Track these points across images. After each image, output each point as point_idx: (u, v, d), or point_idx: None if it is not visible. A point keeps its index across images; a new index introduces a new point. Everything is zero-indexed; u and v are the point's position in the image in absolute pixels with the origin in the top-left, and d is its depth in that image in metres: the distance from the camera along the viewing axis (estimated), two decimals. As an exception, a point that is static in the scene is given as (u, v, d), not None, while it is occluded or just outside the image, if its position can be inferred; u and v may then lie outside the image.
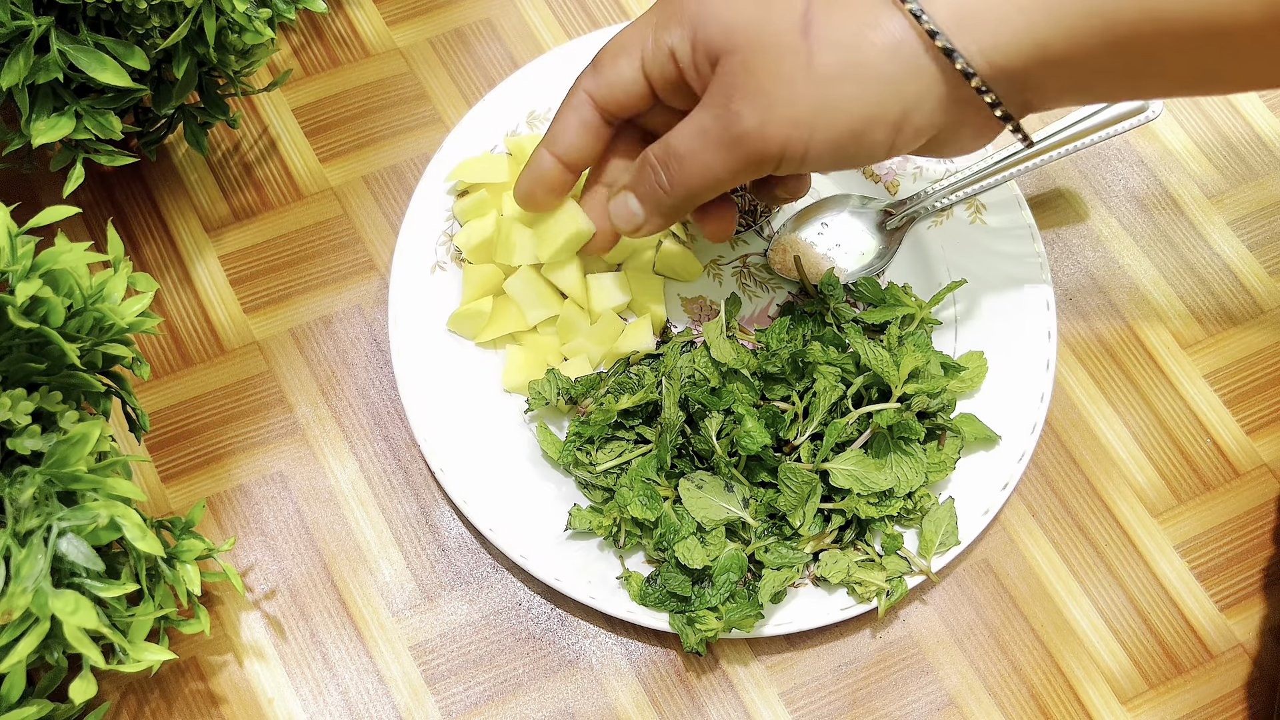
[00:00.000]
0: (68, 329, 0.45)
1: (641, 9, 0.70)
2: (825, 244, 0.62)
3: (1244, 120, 0.69)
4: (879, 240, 0.62)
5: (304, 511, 0.58)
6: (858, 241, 0.62)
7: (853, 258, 0.62)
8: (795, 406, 0.55)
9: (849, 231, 0.63)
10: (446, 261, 0.61)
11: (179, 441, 0.59)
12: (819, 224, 0.63)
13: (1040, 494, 0.59)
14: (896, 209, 0.63)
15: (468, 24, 0.69)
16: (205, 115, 0.60)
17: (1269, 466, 0.60)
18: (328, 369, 0.61)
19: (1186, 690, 0.56)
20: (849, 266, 0.62)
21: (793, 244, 0.62)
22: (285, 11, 0.56)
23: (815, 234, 0.63)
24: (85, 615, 0.43)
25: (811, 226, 0.63)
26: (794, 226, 0.63)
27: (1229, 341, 0.63)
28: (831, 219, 0.63)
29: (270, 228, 0.64)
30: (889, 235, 0.62)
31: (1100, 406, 0.61)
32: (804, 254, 0.62)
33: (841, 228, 0.63)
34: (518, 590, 0.57)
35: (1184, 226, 0.66)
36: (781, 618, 0.54)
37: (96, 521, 0.43)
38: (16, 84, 0.49)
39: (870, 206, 0.63)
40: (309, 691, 0.54)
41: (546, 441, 0.57)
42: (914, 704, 0.55)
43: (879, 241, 0.62)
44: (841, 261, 0.62)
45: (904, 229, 0.63)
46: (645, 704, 0.55)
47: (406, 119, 0.67)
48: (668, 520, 0.54)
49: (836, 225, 0.63)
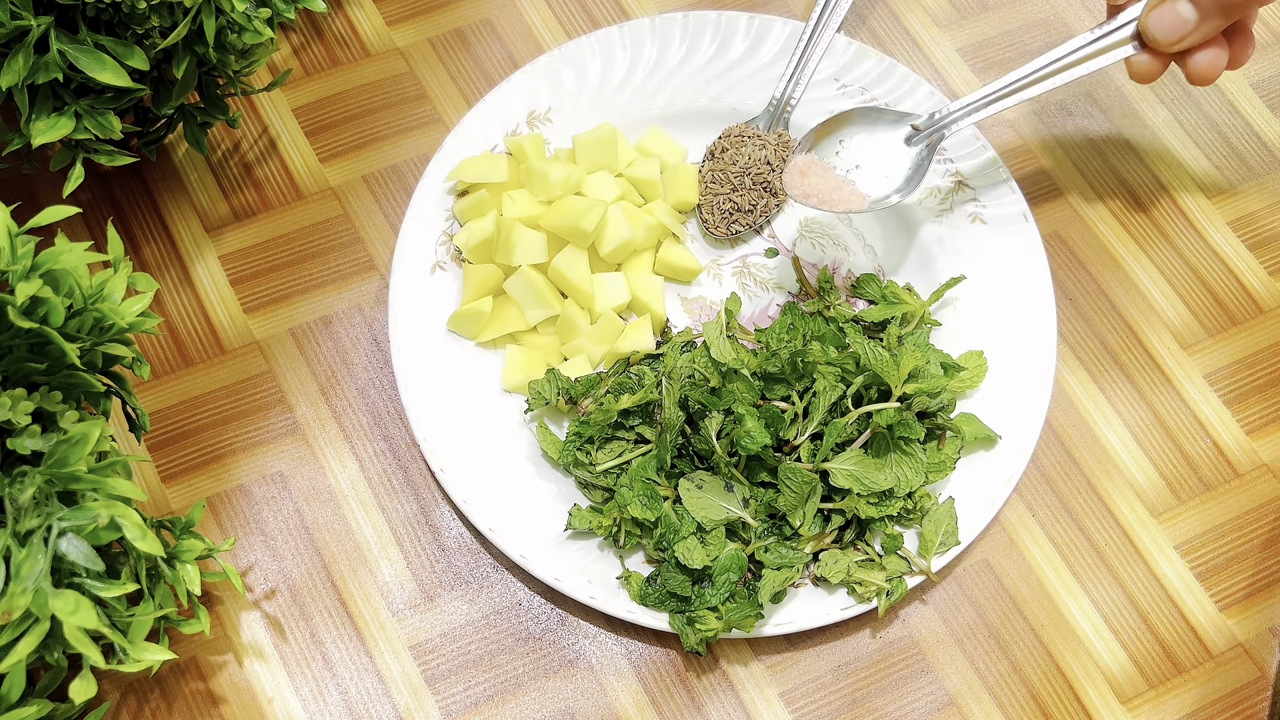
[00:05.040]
0: (68, 329, 0.45)
1: (641, 9, 0.70)
2: (844, 165, 0.56)
3: (1244, 120, 0.69)
4: (907, 161, 0.56)
5: (304, 511, 0.58)
6: (881, 162, 0.56)
7: (876, 180, 0.56)
8: (795, 406, 0.55)
9: (871, 150, 0.56)
10: (446, 261, 0.61)
11: (179, 441, 0.59)
12: (836, 142, 0.57)
13: (1040, 494, 0.59)
14: (925, 124, 0.58)
15: (468, 24, 0.69)
16: (205, 115, 0.60)
17: (1269, 466, 0.60)
18: (328, 369, 0.61)
19: (1186, 690, 0.56)
20: (872, 192, 0.56)
21: (810, 166, 0.56)
22: (285, 11, 0.56)
23: (833, 154, 0.57)
24: (85, 615, 0.43)
25: (828, 145, 0.57)
26: (810, 144, 0.57)
27: (1229, 341, 0.63)
28: (848, 136, 0.57)
29: (270, 228, 0.64)
30: (918, 155, 0.56)
31: (1100, 406, 0.61)
32: (823, 177, 0.55)
33: (861, 146, 0.57)
34: (518, 590, 0.57)
35: (1184, 226, 0.66)
36: (781, 618, 0.54)
37: (96, 521, 0.43)
38: (16, 84, 0.49)
39: (897, 123, 0.57)
40: (309, 691, 0.54)
41: (546, 441, 0.57)
42: (914, 704, 0.55)
43: (906, 163, 0.56)
44: (863, 185, 0.56)
45: (933, 147, 0.56)
46: (645, 704, 0.55)
47: (406, 119, 0.67)
48: (668, 520, 0.54)
49: (854, 143, 0.57)
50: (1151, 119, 0.68)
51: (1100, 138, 0.68)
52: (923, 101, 0.64)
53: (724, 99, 0.66)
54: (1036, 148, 0.67)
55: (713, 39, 0.66)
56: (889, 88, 0.65)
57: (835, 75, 0.66)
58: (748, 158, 0.63)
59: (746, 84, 0.66)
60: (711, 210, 0.63)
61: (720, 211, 0.63)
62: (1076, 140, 0.68)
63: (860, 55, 0.65)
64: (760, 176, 0.63)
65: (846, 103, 0.65)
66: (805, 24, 0.65)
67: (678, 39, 0.66)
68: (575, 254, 0.60)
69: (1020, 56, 0.70)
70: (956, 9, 0.71)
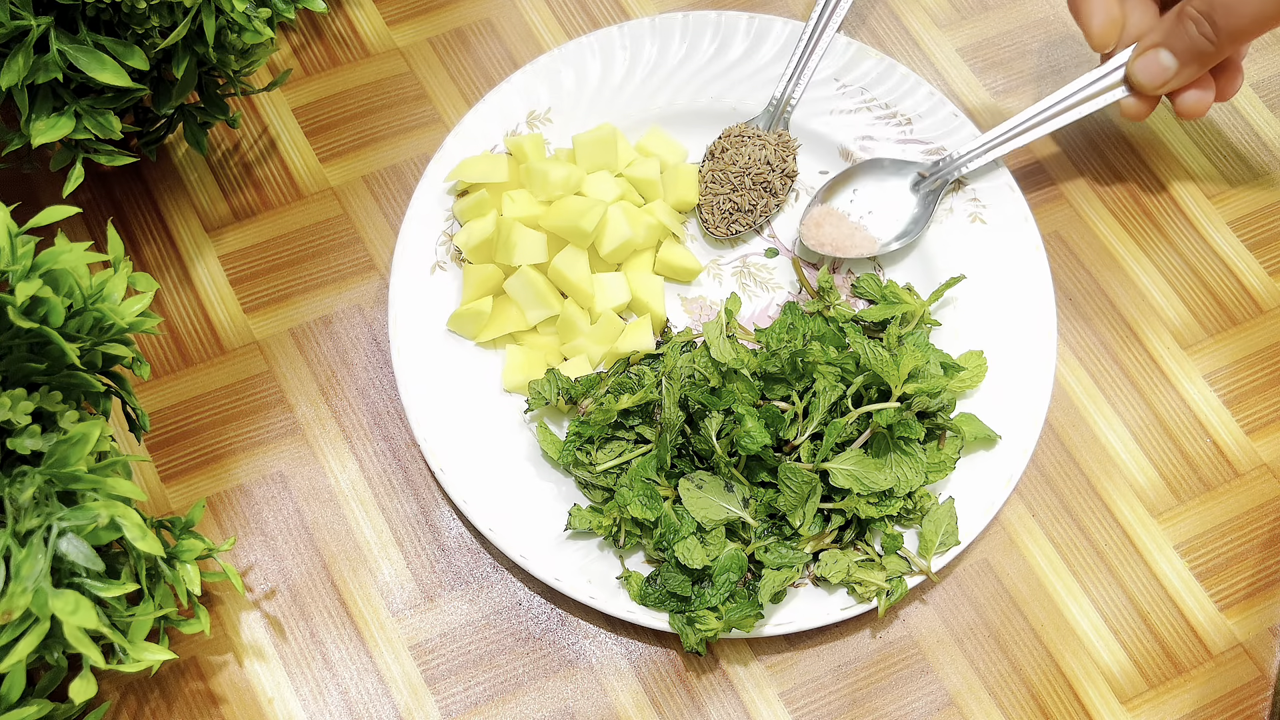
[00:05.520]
0: (68, 329, 0.45)
1: (641, 9, 0.70)
2: (857, 212, 0.61)
3: (1244, 120, 0.69)
4: (914, 205, 0.61)
5: (304, 511, 0.58)
6: (891, 208, 0.61)
7: (887, 225, 0.61)
8: (795, 406, 0.55)
9: (881, 198, 0.61)
10: (446, 261, 0.61)
11: (179, 441, 0.59)
12: (850, 191, 0.62)
13: (1040, 494, 0.59)
14: (929, 171, 0.62)
15: (468, 24, 0.69)
16: (205, 115, 0.60)
17: (1269, 466, 0.60)
18: (328, 369, 0.61)
19: (1186, 690, 0.56)
20: (883, 236, 0.61)
21: (825, 217, 0.61)
22: (285, 11, 0.56)
23: (846, 202, 0.62)
24: (85, 615, 0.43)
25: (843, 195, 0.62)
26: (825, 197, 0.62)
27: (1229, 341, 0.63)
28: (862, 186, 0.62)
29: (270, 228, 0.64)
30: (924, 199, 0.61)
31: (1100, 406, 0.61)
32: (837, 226, 0.60)
33: (873, 194, 0.62)
34: (518, 590, 0.57)
35: (1184, 226, 0.66)
36: (781, 618, 0.54)
37: (96, 521, 0.43)
38: (16, 84, 0.49)
39: (903, 171, 0.62)
40: (309, 691, 0.54)
41: (546, 441, 0.57)
42: (914, 704, 0.55)
43: (914, 206, 0.61)
44: (875, 230, 0.61)
45: (938, 192, 0.62)
46: (645, 704, 0.55)
47: (406, 119, 0.67)
48: (668, 520, 0.54)
49: (867, 192, 0.62)
50: (1151, 119, 0.68)
51: (1100, 138, 0.68)
52: (922, 101, 0.64)
53: (724, 99, 0.66)
54: (1036, 148, 0.67)
55: (713, 39, 0.66)
56: (889, 88, 0.65)
57: (835, 75, 0.66)
58: (748, 158, 0.63)
59: (746, 84, 0.66)
60: (711, 210, 0.63)
61: (720, 211, 0.63)
62: (1076, 140, 0.68)
63: (860, 55, 0.65)
64: (760, 176, 0.63)
65: (847, 102, 0.65)
66: (805, 24, 0.65)
67: (678, 39, 0.66)
68: (575, 254, 0.60)
69: (1020, 56, 0.70)
70: (956, 9, 0.71)
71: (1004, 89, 0.69)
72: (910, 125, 0.65)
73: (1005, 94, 0.69)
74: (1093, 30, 0.60)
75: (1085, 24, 0.60)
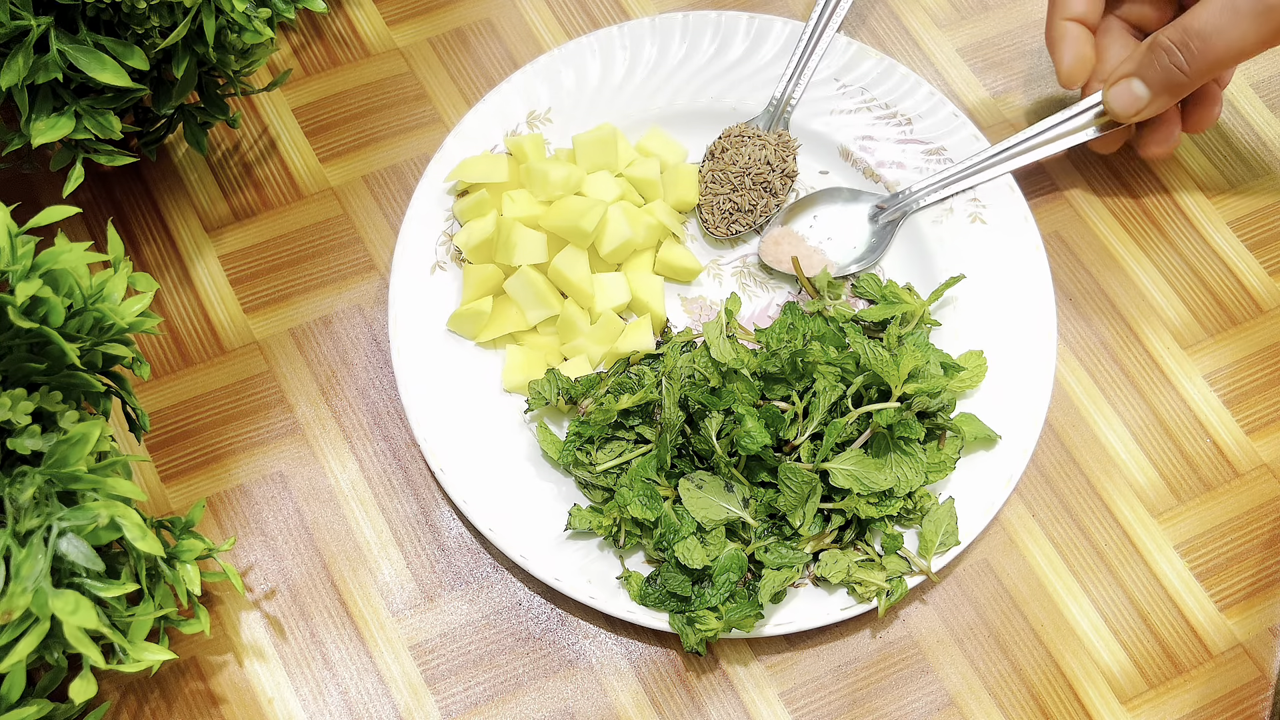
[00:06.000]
0: (68, 329, 0.45)
1: (641, 9, 0.70)
2: (816, 237, 0.63)
3: (1244, 120, 0.69)
4: (870, 234, 0.63)
5: (304, 511, 0.58)
6: (849, 235, 0.63)
7: (844, 250, 0.63)
8: (795, 406, 0.55)
9: (840, 224, 0.63)
10: (446, 261, 0.61)
11: (179, 441, 0.59)
12: (810, 216, 0.63)
13: (1040, 494, 0.59)
14: (888, 203, 0.63)
15: (468, 24, 0.69)
16: (205, 115, 0.60)
17: (1269, 466, 0.60)
18: (328, 369, 0.61)
19: (1186, 690, 0.56)
20: (840, 260, 0.63)
21: (784, 237, 0.63)
22: (285, 11, 0.56)
23: (806, 227, 0.63)
24: (85, 615, 0.43)
25: (803, 219, 0.63)
26: (786, 219, 0.63)
27: (1229, 341, 0.63)
28: (822, 212, 0.63)
29: (270, 228, 0.64)
30: (881, 229, 0.63)
31: (1100, 406, 0.61)
32: (795, 247, 0.62)
33: (832, 221, 0.63)
34: (518, 590, 0.57)
35: (1184, 226, 0.66)
36: (781, 618, 0.54)
37: (96, 521, 0.43)
38: (16, 84, 0.49)
39: (861, 200, 0.63)
40: (309, 691, 0.54)
41: (546, 441, 0.57)
42: (914, 704, 0.55)
43: (871, 235, 0.63)
44: (832, 254, 0.63)
45: (896, 222, 0.63)
46: (645, 704, 0.55)
47: (406, 119, 0.67)
48: (668, 520, 0.54)
49: (827, 218, 0.63)
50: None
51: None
52: (923, 101, 0.64)
53: (724, 99, 0.66)
54: (1036, 148, 0.67)
55: (713, 39, 0.66)
56: (889, 88, 0.65)
57: (835, 75, 0.66)
58: (748, 158, 0.63)
59: (746, 84, 0.66)
60: (711, 210, 0.63)
61: (720, 211, 0.63)
62: (1076, 140, 0.68)
63: (860, 55, 0.65)
64: (760, 176, 0.63)
65: (847, 102, 0.65)
66: (805, 24, 0.66)
67: (678, 39, 0.66)
68: (575, 254, 0.60)
69: (1020, 56, 0.70)
70: (956, 9, 0.71)
71: (1004, 89, 0.69)
72: (910, 125, 0.65)
73: (1005, 94, 0.69)
74: (1061, 68, 0.62)
75: (1056, 61, 0.62)
